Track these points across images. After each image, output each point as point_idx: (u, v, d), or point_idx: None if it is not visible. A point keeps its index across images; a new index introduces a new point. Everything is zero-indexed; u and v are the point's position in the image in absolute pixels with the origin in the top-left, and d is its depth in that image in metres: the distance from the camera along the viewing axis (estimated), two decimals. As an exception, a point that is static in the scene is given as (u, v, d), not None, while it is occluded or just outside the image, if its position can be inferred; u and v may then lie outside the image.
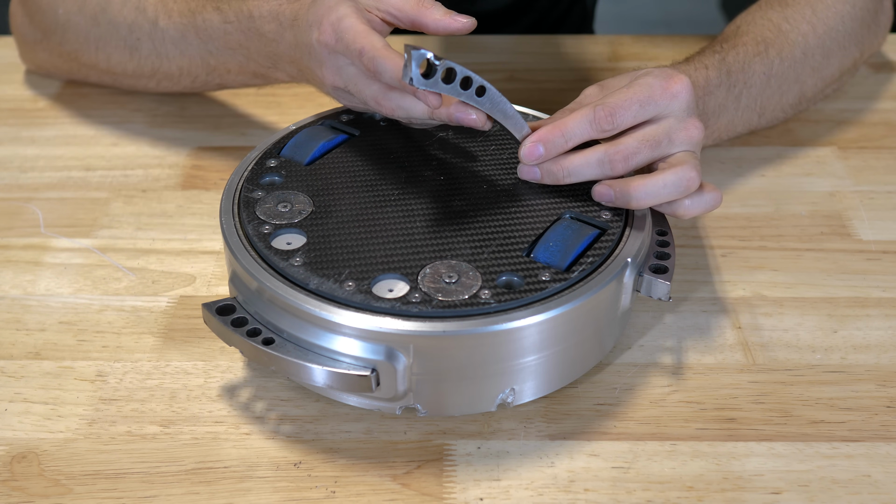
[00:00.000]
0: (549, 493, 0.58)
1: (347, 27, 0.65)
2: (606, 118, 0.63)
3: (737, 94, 0.77)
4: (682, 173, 0.63)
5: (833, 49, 0.84)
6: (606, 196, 0.64)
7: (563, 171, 0.64)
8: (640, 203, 0.63)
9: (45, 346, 0.68)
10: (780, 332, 0.69)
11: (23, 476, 0.59)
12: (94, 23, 0.83)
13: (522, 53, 1.02)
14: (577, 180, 0.64)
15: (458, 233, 0.63)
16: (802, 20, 0.82)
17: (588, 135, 0.63)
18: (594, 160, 0.63)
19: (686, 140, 0.64)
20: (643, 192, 0.63)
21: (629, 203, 0.63)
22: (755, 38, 0.80)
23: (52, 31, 0.87)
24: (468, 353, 0.58)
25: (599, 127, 0.63)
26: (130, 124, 0.90)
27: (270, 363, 0.58)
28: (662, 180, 0.62)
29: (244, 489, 0.58)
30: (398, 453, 0.60)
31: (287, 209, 0.64)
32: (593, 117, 0.63)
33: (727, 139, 0.81)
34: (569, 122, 0.63)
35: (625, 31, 2.22)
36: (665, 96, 0.64)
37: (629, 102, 0.63)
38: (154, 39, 0.81)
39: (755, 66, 0.78)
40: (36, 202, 0.81)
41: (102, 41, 0.84)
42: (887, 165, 0.85)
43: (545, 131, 0.63)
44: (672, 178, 0.63)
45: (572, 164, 0.63)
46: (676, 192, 0.63)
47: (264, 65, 0.76)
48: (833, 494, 0.58)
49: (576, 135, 0.63)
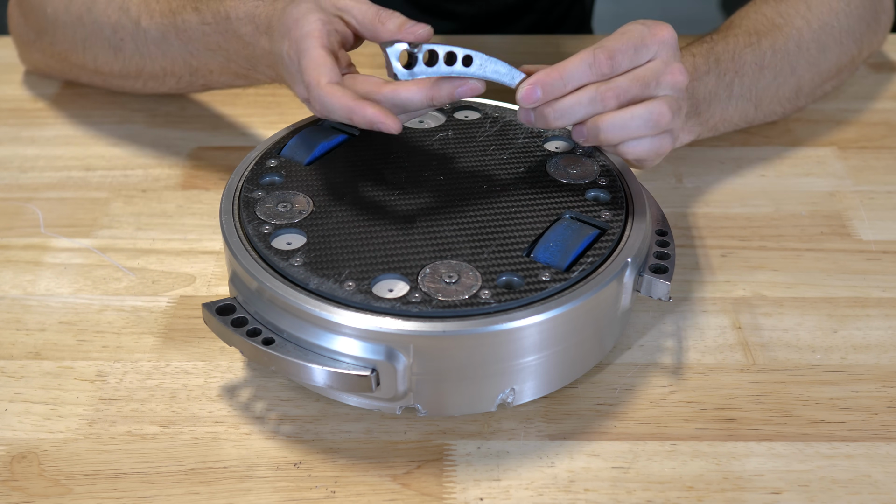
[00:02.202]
0: (549, 493, 0.58)
1: (304, 49, 0.64)
2: (606, 61, 0.63)
3: (728, 83, 0.78)
4: (651, 107, 0.63)
5: (829, 44, 0.84)
6: (580, 134, 0.64)
7: (555, 112, 0.63)
8: (609, 136, 0.63)
9: (45, 346, 0.68)
10: (780, 332, 0.69)
11: (23, 476, 0.59)
12: (80, 22, 0.83)
13: (522, 53, 1.02)
14: (567, 122, 0.64)
15: (458, 233, 0.63)
16: (796, 15, 0.82)
17: (587, 77, 0.63)
18: (586, 98, 0.63)
19: (671, 83, 0.65)
20: (611, 123, 0.62)
21: (598, 136, 0.63)
22: (747, 30, 0.81)
23: (43, 31, 0.87)
24: (468, 353, 0.58)
25: (599, 70, 0.63)
26: (130, 124, 0.90)
27: (270, 363, 0.58)
28: (631, 113, 0.62)
29: (244, 489, 0.58)
30: (398, 453, 0.60)
31: (287, 209, 0.64)
32: (592, 60, 0.63)
33: (725, 130, 0.81)
34: (567, 66, 0.63)
35: (625, 30, 2.20)
36: (655, 41, 0.65)
37: (626, 46, 0.63)
38: (137, 40, 0.80)
39: (746, 56, 0.79)
40: (36, 202, 0.81)
41: (88, 41, 0.84)
42: (887, 165, 0.85)
43: (543, 74, 0.63)
44: (641, 112, 0.62)
45: (564, 105, 0.63)
46: (645, 126, 0.63)
47: (244, 66, 0.76)
48: (833, 494, 0.58)
49: (574, 77, 0.63)
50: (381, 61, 0.99)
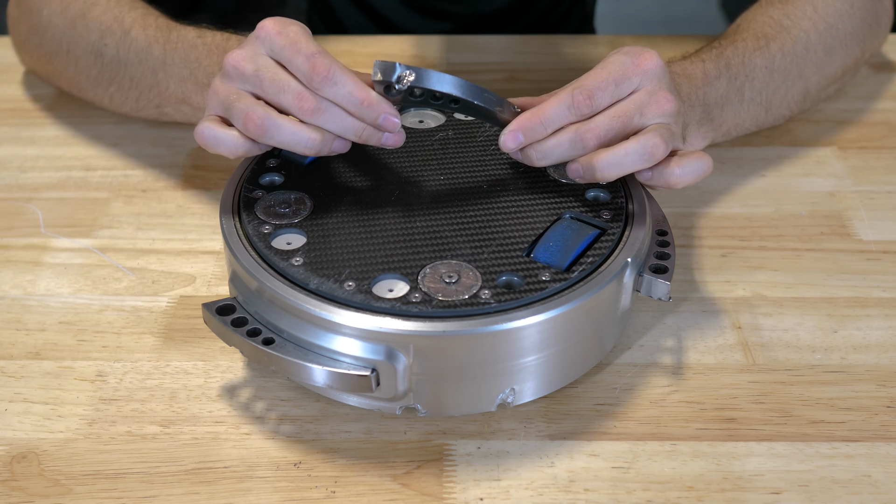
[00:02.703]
0: (549, 493, 0.58)
1: (301, 30, 0.63)
2: (585, 101, 0.63)
3: (739, 87, 0.77)
4: (644, 141, 0.62)
5: (834, 46, 0.84)
6: (576, 172, 0.64)
7: (537, 153, 0.64)
8: (606, 174, 0.62)
9: (45, 346, 0.68)
10: (780, 332, 0.69)
11: (23, 476, 0.59)
12: (72, 26, 0.83)
13: (522, 53, 1.02)
14: (550, 162, 0.64)
15: (458, 233, 0.63)
16: (804, 17, 0.82)
17: (567, 119, 0.63)
18: (566, 140, 0.63)
19: (658, 113, 0.64)
20: (606, 163, 0.62)
21: (595, 175, 0.63)
22: (755, 33, 0.80)
23: (34, 32, 0.87)
24: (468, 353, 0.58)
25: (578, 111, 0.63)
26: (130, 124, 0.90)
27: (270, 363, 0.58)
28: (624, 149, 0.62)
29: (244, 489, 0.58)
30: (398, 453, 0.60)
31: (287, 209, 0.64)
32: (571, 102, 0.63)
33: (737, 134, 0.81)
34: (547, 109, 0.63)
35: (625, 31, 2.22)
36: (637, 72, 0.64)
37: (605, 83, 0.63)
38: (120, 47, 0.81)
39: (756, 60, 0.78)
40: (36, 202, 0.81)
41: (73, 44, 0.84)
42: (887, 165, 0.85)
43: (524, 119, 0.63)
44: (634, 147, 0.62)
45: (545, 147, 0.63)
46: (640, 160, 0.62)
47: (202, 83, 0.76)
48: (833, 494, 0.58)
49: (554, 121, 0.63)
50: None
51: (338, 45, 1.03)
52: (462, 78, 0.63)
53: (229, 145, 0.63)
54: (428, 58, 1.01)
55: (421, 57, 1.01)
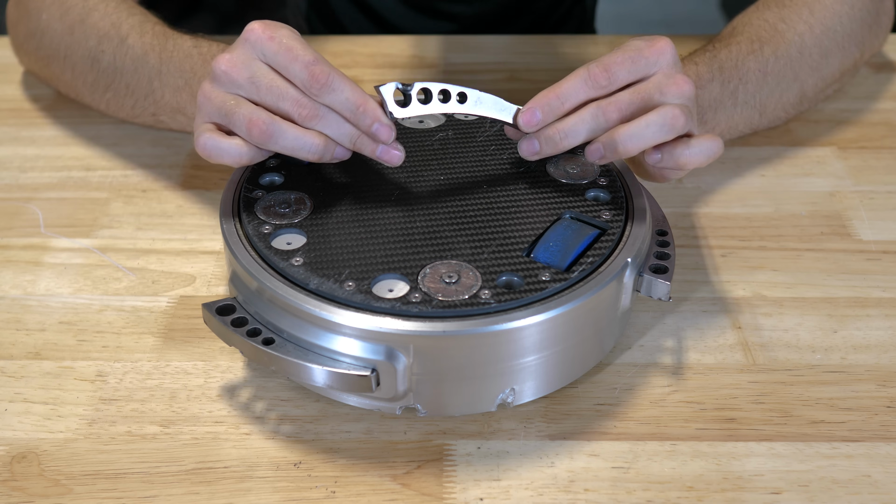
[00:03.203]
0: (549, 493, 0.58)
1: (291, 33, 0.63)
2: (601, 73, 0.62)
3: (732, 90, 0.77)
4: (664, 112, 0.62)
5: (832, 49, 0.84)
6: (596, 152, 0.63)
7: (560, 133, 0.63)
8: (627, 147, 0.62)
9: (45, 346, 0.68)
10: (780, 332, 0.69)
11: (23, 476, 0.59)
12: (70, 32, 0.83)
13: (522, 53, 1.02)
14: (573, 141, 0.63)
15: (458, 233, 0.63)
16: (799, 20, 0.82)
17: (584, 94, 0.63)
18: (588, 115, 0.63)
19: (677, 93, 0.64)
20: (627, 135, 0.61)
21: (617, 150, 0.62)
22: (749, 37, 0.80)
23: (32, 35, 0.87)
24: (468, 353, 0.58)
25: (596, 82, 0.63)
26: (130, 124, 0.90)
27: (270, 363, 0.58)
28: (645, 121, 0.61)
29: (244, 489, 0.58)
30: (398, 453, 0.60)
31: (287, 209, 0.64)
32: (587, 75, 0.63)
33: (730, 137, 0.81)
34: (564, 85, 0.63)
35: (625, 31, 2.22)
36: (653, 53, 0.64)
37: (621, 59, 0.63)
38: (117, 54, 0.80)
39: (749, 64, 0.78)
40: (36, 202, 0.81)
41: (70, 49, 0.84)
42: (887, 165, 0.85)
43: (540, 96, 0.63)
44: (654, 118, 0.61)
45: (567, 125, 0.63)
46: (661, 131, 0.62)
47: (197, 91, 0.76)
48: (833, 494, 0.58)
49: (571, 95, 0.63)
50: (382, 61, 0.99)
51: (337, 45, 1.03)
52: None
53: (233, 154, 0.63)
54: (427, 58, 1.01)
55: (420, 57, 1.01)
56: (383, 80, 0.95)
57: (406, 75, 0.98)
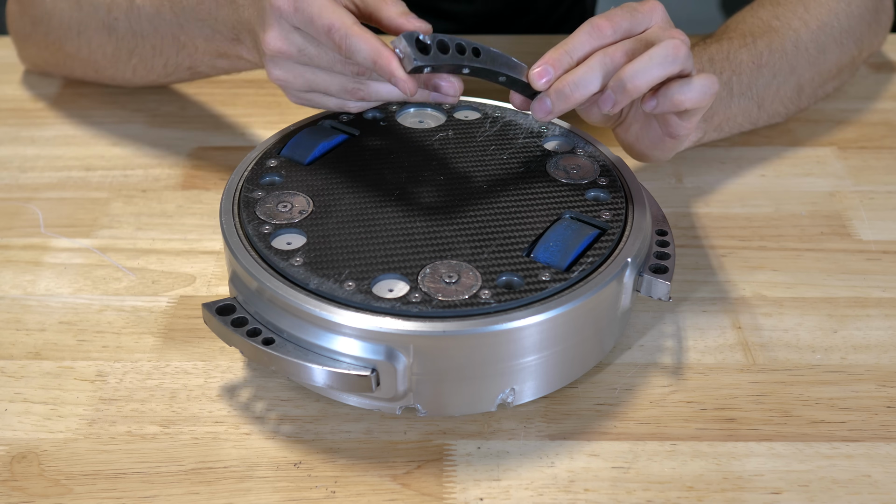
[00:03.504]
0: (549, 493, 0.58)
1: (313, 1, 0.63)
2: (605, 23, 0.64)
3: (726, 80, 0.78)
4: (666, 44, 0.62)
5: (828, 44, 0.84)
6: (608, 99, 0.63)
7: (570, 84, 0.63)
8: (636, 83, 0.62)
9: (45, 346, 0.68)
10: (780, 332, 0.69)
11: (23, 476, 0.59)
12: (77, 7, 0.83)
13: (522, 53, 1.02)
14: (585, 92, 0.63)
15: (458, 233, 0.63)
16: (794, 17, 0.83)
17: (590, 45, 0.64)
18: (596, 63, 0.63)
19: (676, 35, 0.64)
20: (633, 72, 0.62)
21: (626, 89, 0.62)
22: (741, 32, 0.81)
23: (39, 21, 0.87)
24: (468, 353, 0.58)
25: (600, 33, 0.64)
26: (130, 124, 0.90)
27: (270, 363, 0.58)
28: (649, 55, 0.62)
29: (244, 489, 0.58)
30: (398, 453, 0.60)
31: (287, 209, 0.64)
32: (591, 28, 0.64)
33: (730, 130, 0.81)
34: (570, 40, 0.64)
35: (625, 31, 2.20)
36: (647, 9, 0.65)
37: (620, 11, 0.65)
38: (130, 18, 0.80)
39: (741, 56, 0.79)
40: (36, 202, 0.81)
41: (83, 24, 0.84)
42: (887, 165, 0.85)
43: (548, 54, 0.64)
44: (658, 51, 0.62)
45: (577, 75, 0.63)
46: (665, 63, 0.62)
47: (228, 37, 0.75)
48: (833, 494, 0.58)
49: (578, 48, 0.64)
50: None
51: (338, 45, 1.03)
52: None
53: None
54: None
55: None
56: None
57: (406, 75, 0.98)
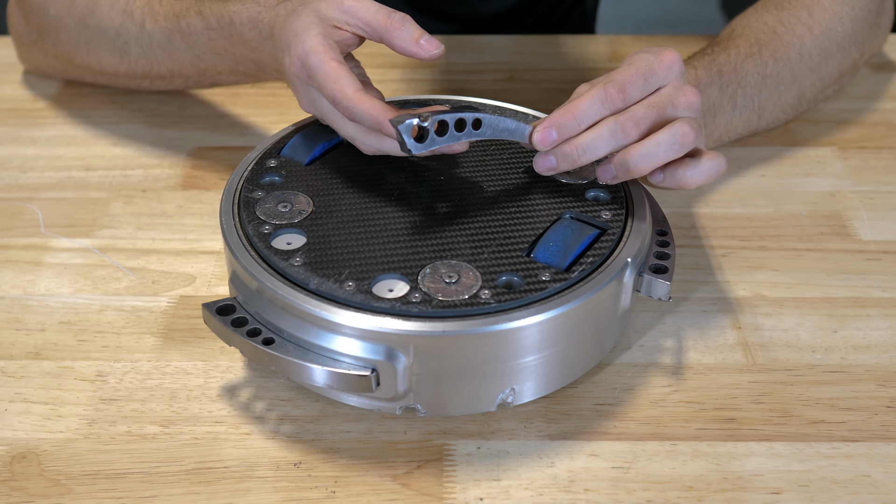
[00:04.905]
0: (549, 493, 0.58)
1: (315, 65, 0.64)
2: (617, 94, 0.63)
3: (731, 94, 0.77)
4: (674, 129, 0.62)
5: (831, 50, 0.84)
6: (609, 173, 0.63)
7: (578, 149, 0.62)
8: (640, 167, 0.62)
9: (45, 346, 0.68)
10: (780, 332, 0.69)
11: (23, 476, 0.59)
12: (83, 25, 0.83)
13: (522, 53, 1.02)
14: (592, 157, 0.63)
15: (458, 233, 0.63)
16: (798, 22, 0.82)
17: (600, 114, 0.63)
18: (606, 131, 0.62)
19: (686, 105, 0.64)
20: (638, 155, 0.62)
21: (629, 170, 0.62)
22: (748, 40, 0.80)
23: (45, 32, 0.87)
24: (468, 353, 0.58)
25: (612, 104, 0.63)
26: (130, 124, 0.90)
27: (270, 363, 0.58)
28: (656, 140, 0.62)
29: (244, 489, 0.58)
30: (398, 453, 0.60)
31: (287, 209, 0.64)
32: (604, 95, 0.62)
33: (729, 140, 0.81)
34: (580, 104, 0.62)
35: (625, 31, 2.21)
36: (662, 67, 0.64)
37: (635, 77, 0.63)
38: (142, 43, 0.80)
39: (748, 67, 0.78)
40: (36, 202, 0.81)
41: (92, 43, 0.84)
42: (887, 165, 0.85)
43: (557, 115, 0.62)
44: (665, 136, 0.62)
45: (585, 140, 0.62)
46: (672, 149, 0.62)
47: (252, 68, 0.76)
48: (833, 494, 0.58)
49: (588, 115, 0.63)
50: (383, 61, 0.99)
51: (338, 45, 1.03)
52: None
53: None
54: (428, 58, 1.00)
55: (421, 57, 1.01)
56: (383, 81, 0.95)
57: (406, 75, 0.98)
